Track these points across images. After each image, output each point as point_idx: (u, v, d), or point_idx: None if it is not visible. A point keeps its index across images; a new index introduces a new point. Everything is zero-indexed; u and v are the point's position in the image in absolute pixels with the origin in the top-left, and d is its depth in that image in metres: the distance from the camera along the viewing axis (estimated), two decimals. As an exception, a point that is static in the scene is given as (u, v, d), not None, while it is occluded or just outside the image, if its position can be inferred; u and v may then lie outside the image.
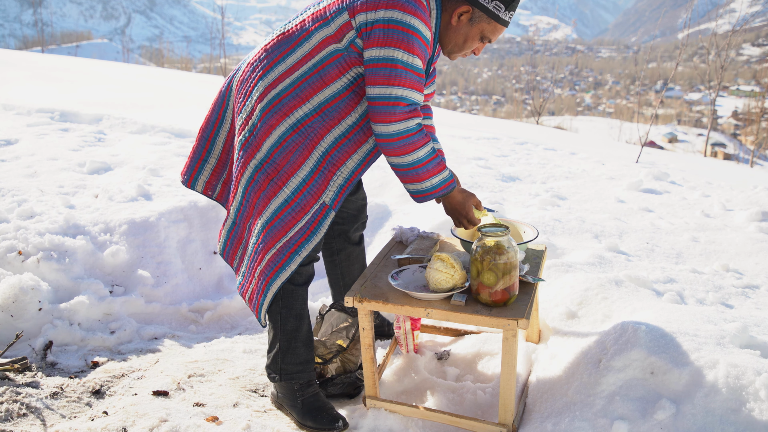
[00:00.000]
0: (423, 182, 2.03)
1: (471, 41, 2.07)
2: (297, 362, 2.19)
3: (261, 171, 2.08)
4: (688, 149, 26.42)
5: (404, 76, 1.92)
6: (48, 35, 35.75)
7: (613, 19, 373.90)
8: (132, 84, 9.24)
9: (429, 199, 2.08)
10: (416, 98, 1.96)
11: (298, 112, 2.05)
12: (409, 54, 1.91)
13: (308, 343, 2.22)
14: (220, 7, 16.51)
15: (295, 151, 2.05)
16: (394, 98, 1.92)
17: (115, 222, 3.25)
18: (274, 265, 2.09)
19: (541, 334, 2.47)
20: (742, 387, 1.81)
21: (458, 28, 2.05)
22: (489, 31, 2.05)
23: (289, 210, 2.06)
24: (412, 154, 1.98)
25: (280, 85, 2.05)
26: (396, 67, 1.91)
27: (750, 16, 18.68)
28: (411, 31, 1.90)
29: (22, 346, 2.52)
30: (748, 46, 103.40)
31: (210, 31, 20.50)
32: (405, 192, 4.13)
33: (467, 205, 2.16)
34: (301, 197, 2.06)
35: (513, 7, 2.01)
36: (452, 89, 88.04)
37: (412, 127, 1.96)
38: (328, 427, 2.10)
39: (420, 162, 2.00)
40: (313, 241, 2.08)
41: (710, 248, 3.31)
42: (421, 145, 1.98)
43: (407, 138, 1.96)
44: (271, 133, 2.06)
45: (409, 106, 1.95)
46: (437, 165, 2.03)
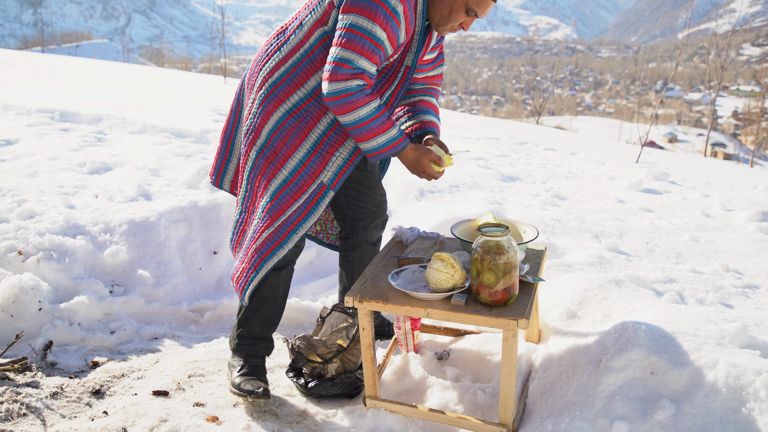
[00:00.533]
0: (369, 141, 2.09)
1: (456, 13, 2.08)
2: (249, 336, 2.31)
3: (261, 156, 2.17)
4: (688, 149, 26.42)
5: (356, 41, 1.97)
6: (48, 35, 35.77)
7: (613, 19, 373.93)
8: (132, 84, 9.24)
9: (381, 156, 2.13)
10: (362, 64, 2.00)
11: (294, 98, 2.14)
12: (371, 21, 1.96)
13: (267, 323, 2.32)
14: (220, 7, 16.50)
15: (291, 134, 2.14)
16: (338, 59, 1.99)
17: (115, 222, 3.25)
18: (271, 243, 2.17)
19: (541, 334, 2.47)
20: (742, 387, 1.81)
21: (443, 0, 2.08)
22: (474, 3, 2.05)
23: (287, 190, 2.14)
24: (352, 113, 2.03)
25: (276, 73, 2.15)
26: (352, 31, 1.97)
27: (750, 16, 18.68)
28: (380, 1, 1.95)
29: (22, 346, 2.52)
30: (748, 46, 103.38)
31: (210, 31, 20.49)
32: (405, 192, 4.13)
33: (422, 162, 2.19)
34: (299, 177, 2.14)
35: None
36: (452, 89, 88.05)
37: (352, 87, 2.00)
38: (247, 393, 2.17)
39: (362, 121, 2.04)
40: (310, 219, 2.15)
41: (710, 248, 3.31)
42: (361, 105, 2.02)
43: (346, 97, 2.00)
44: (269, 119, 2.16)
45: (353, 69, 1.99)
46: (381, 125, 2.07)
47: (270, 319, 2.33)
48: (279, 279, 2.29)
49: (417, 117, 2.40)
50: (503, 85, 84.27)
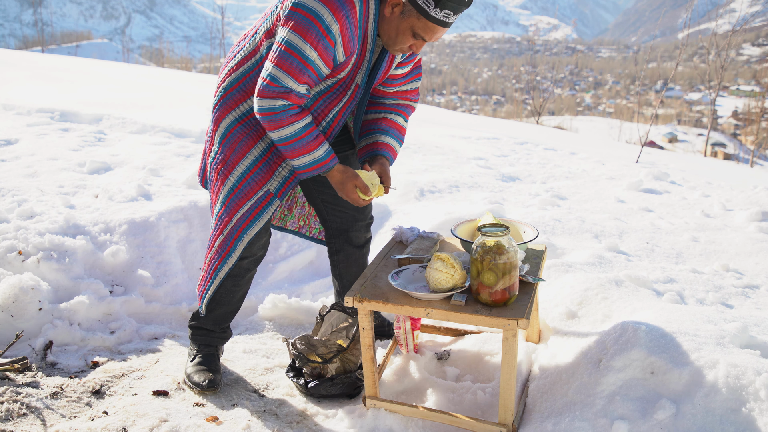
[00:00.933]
0: (294, 159, 2.11)
1: (402, 36, 2.04)
2: (202, 328, 2.40)
3: (214, 163, 2.22)
4: (688, 149, 26.42)
5: (286, 59, 1.96)
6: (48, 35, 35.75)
7: (613, 19, 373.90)
8: (132, 84, 9.24)
9: (308, 175, 2.15)
10: (289, 83, 1.99)
11: (244, 106, 2.16)
12: (302, 39, 1.94)
13: (219, 321, 2.39)
14: (220, 7, 16.53)
15: (240, 141, 2.17)
16: (267, 76, 1.99)
17: (115, 222, 3.25)
18: (222, 251, 2.23)
19: (541, 334, 2.47)
20: (742, 387, 1.81)
21: (391, 20, 2.03)
22: (419, 28, 2.00)
23: (234, 197, 2.18)
24: (277, 131, 2.04)
25: (228, 79, 2.18)
26: (284, 48, 1.96)
27: (750, 16, 18.69)
28: (313, 18, 1.92)
29: (22, 346, 2.52)
30: (748, 46, 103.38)
31: (210, 31, 20.51)
32: (405, 192, 4.13)
33: (347, 186, 2.19)
34: (245, 184, 2.17)
35: (445, 6, 1.93)
36: (452, 89, 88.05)
37: (276, 107, 2.00)
38: (193, 383, 2.27)
39: (286, 140, 2.05)
40: (255, 226, 2.18)
41: (710, 248, 3.31)
42: (285, 125, 2.02)
43: (270, 116, 2.01)
44: (218, 126, 2.20)
45: (279, 88, 1.99)
46: (305, 145, 2.07)
47: (222, 318, 2.41)
48: (236, 285, 2.33)
49: (374, 137, 2.34)
50: (503, 85, 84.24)
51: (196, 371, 2.32)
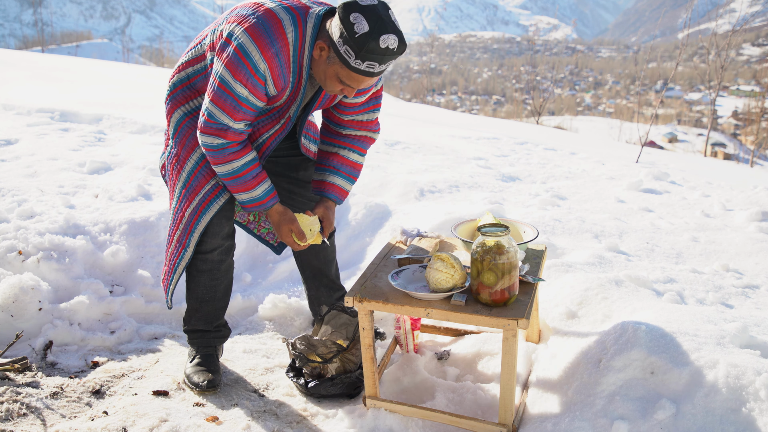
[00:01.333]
0: (235, 194, 2.16)
1: (330, 81, 1.99)
2: (196, 331, 2.42)
3: (169, 159, 2.27)
4: (688, 149, 26.41)
5: (221, 97, 1.98)
6: (48, 35, 35.73)
7: (613, 19, 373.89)
8: (132, 84, 9.24)
9: (249, 210, 2.19)
10: (225, 120, 2.00)
11: (192, 103, 2.21)
12: (233, 78, 1.95)
13: (209, 319, 2.41)
14: (220, 7, 16.52)
15: (189, 135, 2.20)
16: (205, 111, 2.02)
17: (115, 222, 3.25)
18: (179, 245, 2.25)
19: (541, 334, 2.47)
20: (742, 387, 1.81)
21: (319, 62, 1.99)
22: (344, 76, 1.95)
23: (185, 192, 2.21)
24: (217, 167, 2.09)
25: (177, 76, 2.22)
26: (219, 85, 1.97)
27: (750, 16, 18.68)
28: (243, 57, 1.92)
29: (22, 346, 2.52)
30: (748, 46, 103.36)
31: (210, 31, 20.47)
32: (405, 192, 4.13)
33: (282, 229, 2.22)
34: (194, 179, 2.20)
35: (366, 58, 1.86)
36: (452, 89, 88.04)
37: (214, 145, 2.04)
38: (193, 384, 2.28)
39: (225, 176, 2.10)
40: (203, 221, 2.20)
41: (710, 248, 3.31)
42: (223, 162, 2.07)
43: (210, 152, 2.06)
44: (170, 120, 2.24)
45: (216, 125, 2.01)
46: (243, 184, 2.11)
47: (212, 316, 2.41)
48: (213, 280, 2.34)
49: (323, 174, 2.33)
50: (503, 85, 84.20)
51: (196, 372, 2.32)
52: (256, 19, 1.92)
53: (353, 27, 1.83)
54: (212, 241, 2.26)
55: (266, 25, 1.91)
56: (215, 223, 2.23)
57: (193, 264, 2.30)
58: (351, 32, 1.83)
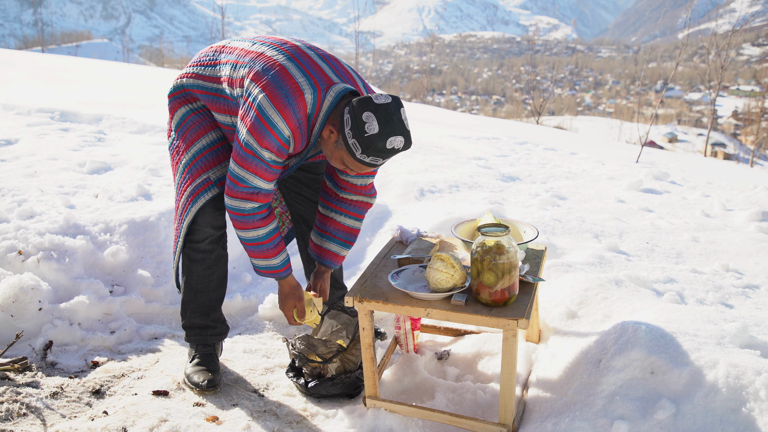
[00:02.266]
0: (252, 259, 2.21)
1: (335, 161, 2.06)
2: (193, 327, 2.43)
3: (170, 150, 2.33)
4: (688, 149, 26.42)
5: (250, 161, 2.01)
6: (48, 35, 35.69)
7: (613, 19, 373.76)
8: (132, 84, 9.24)
9: (261, 276, 2.26)
10: (257, 183, 2.05)
11: (198, 103, 2.27)
12: (260, 146, 1.99)
13: (205, 311, 2.42)
14: (220, 7, 16.51)
15: (191, 129, 2.25)
16: (236, 176, 2.05)
17: (115, 222, 3.25)
18: (176, 233, 2.32)
19: (541, 334, 2.47)
20: (742, 387, 1.81)
21: (327, 142, 2.05)
22: (348, 162, 2.01)
23: (181, 182, 2.28)
24: (241, 232, 2.13)
25: (186, 80, 2.27)
26: (248, 152, 2.01)
27: (750, 16, 18.68)
28: (268, 125, 1.96)
29: (22, 346, 2.52)
30: (748, 46, 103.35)
31: (210, 31, 20.50)
32: (405, 192, 4.13)
33: (286, 304, 2.29)
34: (188, 172, 2.25)
35: (371, 154, 1.92)
36: (452, 89, 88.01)
37: (246, 209, 2.07)
38: (193, 384, 2.29)
39: (248, 241, 2.14)
40: (190, 213, 2.24)
41: (710, 248, 3.31)
42: (249, 228, 2.10)
43: (239, 216, 2.09)
44: (174, 114, 2.29)
45: (249, 189, 2.05)
46: (264, 252, 2.16)
47: (207, 307, 2.43)
48: (206, 269, 2.37)
49: (321, 240, 2.38)
50: (503, 85, 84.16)
51: (196, 371, 2.33)
52: (278, 88, 1.95)
53: (364, 126, 1.90)
54: (203, 230, 2.30)
55: (289, 96, 1.95)
56: (206, 213, 2.27)
57: (185, 254, 2.35)
58: (361, 130, 1.91)
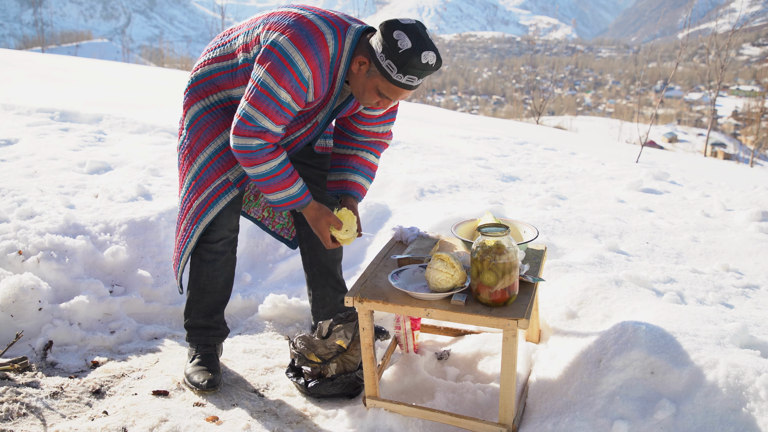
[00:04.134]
0: (269, 195, 2.17)
1: (368, 93, 2.07)
2: (196, 327, 2.44)
3: (181, 149, 2.29)
4: (688, 149, 26.41)
5: (262, 100, 2.00)
6: (48, 35, 35.68)
7: (613, 19, 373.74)
8: (132, 84, 9.24)
9: (283, 209, 2.21)
10: (265, 124, 2.03)
11: (212, 98, 2.23)
12: (277, 84, 1.99)
13: (209, 312, 2.44)
14: (220, 7, 16.53)
15: (205, 129, 2.23)
16: (243, 115, 2.03)
17: (115, 222, 3.25)
18: (185, 234, 2.30)
19: (541, 334, 2.47)
20: (742, 387, 1.81)
21: (358, 76, 2.06)
22: (384, 89, 2.02)
23: (195, 184, 2.25)
24: (252, 168, 2.10)
25: (201, 70, 2.24)
26: (260, 89, 2.00)
27: (750, 16, 18.67)
28: (287, 63, 1.97)
29: (22, 346, 2.52)
30: (748, 46, 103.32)
31: (210, 31, 20.52)
32: (405, 192, 4.13)
33: (320, 223, 2.24)
34: (205, 173, 2.23)
35: (407, 72, 1.95)
36: (452, 89, 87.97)
37: (252, 146, 2.05)
38: (193, 384, 2.30)
39: (261, 176, 2.11)
40: (210, 214, 2.24)
41: (710, 248, 3.31)
42: (261, 162, 2.08)
43: (246, 153, 2.07)
44: (187, 112, 2.26)
45: (255, 128, 2.04)
46: (281, 182, 2.13)
47: (212, 308, 2.43)
48: (215, 270, 2.38)
49: (344, 174, 2.39)
50: (503, 85, 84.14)
51: (196, 371, 2.33)
52: (299, 30, 1.98)
53: (396, 43, 1.92)
54: (219, 231, 2.31)
55: (310, 37, 1.97)
56: (224, 215, 2.29)
57: (197, 253, 2.35)
58: (394, 48, 1.92)
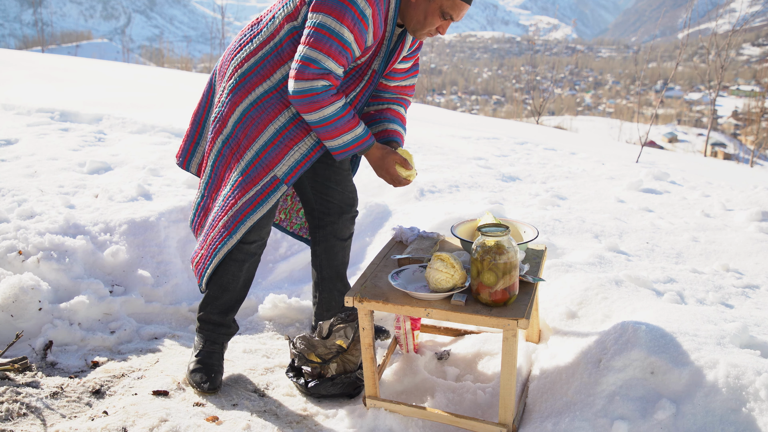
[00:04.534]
0: (334, 139, 2.12)
1: (431, 17, 2.10)
2: (209, 321, 2.40)
3: (227, 146, 2.23)
4: (688, 149, 26.42)
5: (324, 41, 1.99)
6: (48, 35, 35.68)
7: (613, 19, 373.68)
8: (132, 84, 9.24)
9: (347, 154, 2.17)
10: (329, 65, 2.03)
11: (259, 89, 2.18)
12: (339, 23, 1.98)
13: (225, 310, 2.40)
14: (220, 6, 16.54)
15: (252, 124, 2.19)
16: (306, 58, 2.01)
17: (115, 222, 3.25)
18: (224, 231, 2.24)
19: (541, 334, 2.47)
20: (742, 387, 1.81)
21: (417, 4, 2.09)
22: (448, 7, 2.07)
23: (242, 181, 2.20)
24: (317, 112, 2.06)
25: (246, 64, 2.20)
26: (320, 31, 1.99)
27: (750, 16, 18.67)
28: (348, 3, 1.97)
29: (22, 346, 2.52)
30: (748, 46, 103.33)
31: (210, 31, 20.53)
32: (405, 192, 4.13)
33: (387, 161, 2.22)
34: (253, 169, 2.19)
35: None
36: (452, 89, 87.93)
37: (318, 87, 2.03)
38: (195, 383, 2.29)
39: (327, 120, 2.07)
40: (258, 212, 2.20)
41: (710, 248, 3.31)
42: (327, 104, 2.05)
43: (311, 96, 2.03)
44: (235, 110, 2.21)
45: (320, 70, 2.02)
46: (346, 124, 2.10)
47: (228, 306, 2.41)
48: (240, 270, 2.35)
49: (382, 125, 2.42)
50: (503, 85, 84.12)
51: (199, 369, 2.32)
52: None
53: None
54: (256, 232, 2.28)
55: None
56: (265, 216, 2.26)
57: (229, 252, 2.30)
58: None
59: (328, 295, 2.64)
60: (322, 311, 2.67)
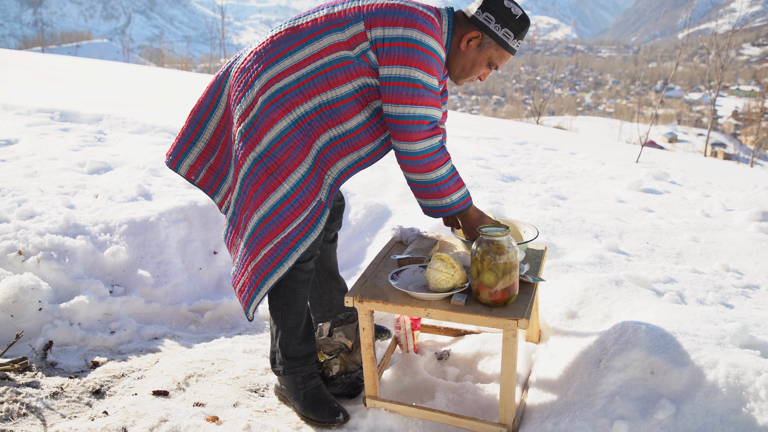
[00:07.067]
0: (443, 198, 2.07)
1: (478, 67, 2.12)
2: (298, 356, 2.23)
3: (260, 164, 2.07)
4: (688, 149, 26.42)
5: (426, 96, 1.98)
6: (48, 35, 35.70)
7: (613, 19, 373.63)
8: (132, 84, 9.24)
9: (445, 215, 2.11)
10: (437, 115, 2.03)
11: (300, 109, 2.06)
12: (428, 74, 1.98)
13: (308, 337, 2.26)
14: (220, 7, 16.55)
15: (296, 147, 2.07)
16: (418, 117, 1.98)
17: (115, 222, 3.25)
18: (271, 260, 2.09)
19: (541, 334, 2.47)
20: (742, 387, 1.81)
21: (466, 53, 2.09)
22: (496, 58, 2.10)
23: (288, 206, 2.07)
24: (435, 171, 2.03)
25: (285, 79, 2.05)
26: (417, 87, 1.97)
27: (750, 16, 18.65)
28: (428, 51, 1.97)
29: (22, 346, 2.52)
30: (748, 46, 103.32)
31: (210, 31, 20.54)
32: (405, 192, 4.12)
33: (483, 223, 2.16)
34: (300, 193, 2.07)
35: (522, 36, 2.08)
36: (452, 89, 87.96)
37: (436, 144, 2.02)
38: (329, 420, 2.14)
39: (443, 179, 2.05)
40: (310, 237, 2.10)
41: (710, 248, 3.31)
42: (444, 162, 2.04)
43: (432, 155, 2.01)
44: (272, 127, 2.06)
45: (432, 124, 2.01)
46: (457, 181, 2.08)
47: (309, 332, 2.27)
48: (307, 289, 2.24)
49: None
50: (503, 85, 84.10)
51: (320, 408, 2.18)
52: (414, 18, 1.98)
53: (510, 11, 2.05)
54: (310, 251, 2.19)
55: (427, 22, 1.99)
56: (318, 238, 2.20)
57: (291, 276, 2.19)
58: (510, 16, 2.05)
59: (329, 296, 2.64)
60: (324, 311, 2.66)
